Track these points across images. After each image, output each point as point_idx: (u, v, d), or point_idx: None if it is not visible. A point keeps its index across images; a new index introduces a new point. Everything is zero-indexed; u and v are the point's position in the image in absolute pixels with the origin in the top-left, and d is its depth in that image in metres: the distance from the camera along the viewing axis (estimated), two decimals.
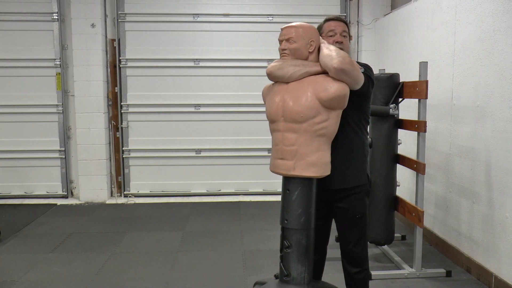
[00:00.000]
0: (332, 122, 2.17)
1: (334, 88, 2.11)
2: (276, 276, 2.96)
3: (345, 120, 2.25)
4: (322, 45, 2.24)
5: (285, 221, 2.26)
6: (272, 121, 2.29)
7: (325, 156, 2.20)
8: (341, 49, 2.23)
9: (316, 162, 2.17)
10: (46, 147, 5.55)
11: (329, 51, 2.15)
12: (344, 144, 2.29)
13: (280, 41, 2.28)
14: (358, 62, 2.25)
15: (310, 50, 2.23)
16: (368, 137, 3.52)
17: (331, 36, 2.31)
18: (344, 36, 2.32)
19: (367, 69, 2.29)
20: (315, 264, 2.44)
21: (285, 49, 2.25)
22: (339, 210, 2.36)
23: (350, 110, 2.25)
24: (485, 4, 3.15)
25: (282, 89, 2.26)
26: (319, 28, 2.38)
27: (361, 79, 2.17)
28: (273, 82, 2.37)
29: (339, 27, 2.32)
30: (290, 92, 2.21)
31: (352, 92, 2.18)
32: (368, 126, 2.43)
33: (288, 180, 2.25)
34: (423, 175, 3.28)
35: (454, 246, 3.59)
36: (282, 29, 2.28)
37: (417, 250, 3.30)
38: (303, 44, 2.22)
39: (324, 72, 2.19)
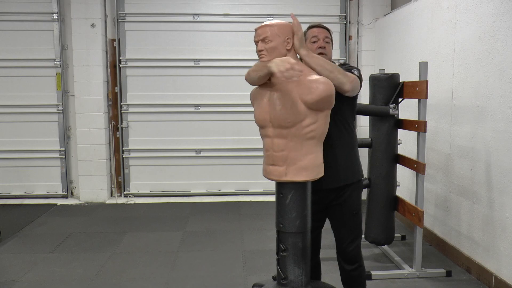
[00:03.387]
0: (320, 123, 2.12)
1: (319, 90, 2.04)
2: (274, 278, 2.97)
3: (334, 118, 2.25)
4: (305, 57, 2.15)
5: (281, 225, 2.23)
6: (261, 126, 2.25)
7: (317, 158, 2.16)
8: (323, 54, 2.28)
9: (307, 166, 2.13)
10: (46, 147, 5.55)
11: (328, 65, 2.13)
12: (335, 143, 2.30)
13: (256, 42, 2.18)
14: (346, 64, 2.30)
15: (288, 48, 2.15)
16: (368, 137, 3.56)
17: (314, 42, 2.34)
18: (327, 42, 2.36)
19: (358, 71, 2.34)
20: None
21: (261, 50, 2.14)
22: (334, 207, 2.37)
23: (340, 108, 2.26)
24: (485, 4, 3.15)
25: (267, 92, 2.21)
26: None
27: (358, 86, 2.24)
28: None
29: (322, 34, 2.36)
30: (275, 96, 2.15)
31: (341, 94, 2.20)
32: (358, 125, 2.45)
33: (281, 185, 2.22)
34: (423, 175, 3.28)
35: (454, 246, 3.59)
36: (256, 29, 2.18)
37: (417, 250, 3.30)
38: (280, 42, 2.13)
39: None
